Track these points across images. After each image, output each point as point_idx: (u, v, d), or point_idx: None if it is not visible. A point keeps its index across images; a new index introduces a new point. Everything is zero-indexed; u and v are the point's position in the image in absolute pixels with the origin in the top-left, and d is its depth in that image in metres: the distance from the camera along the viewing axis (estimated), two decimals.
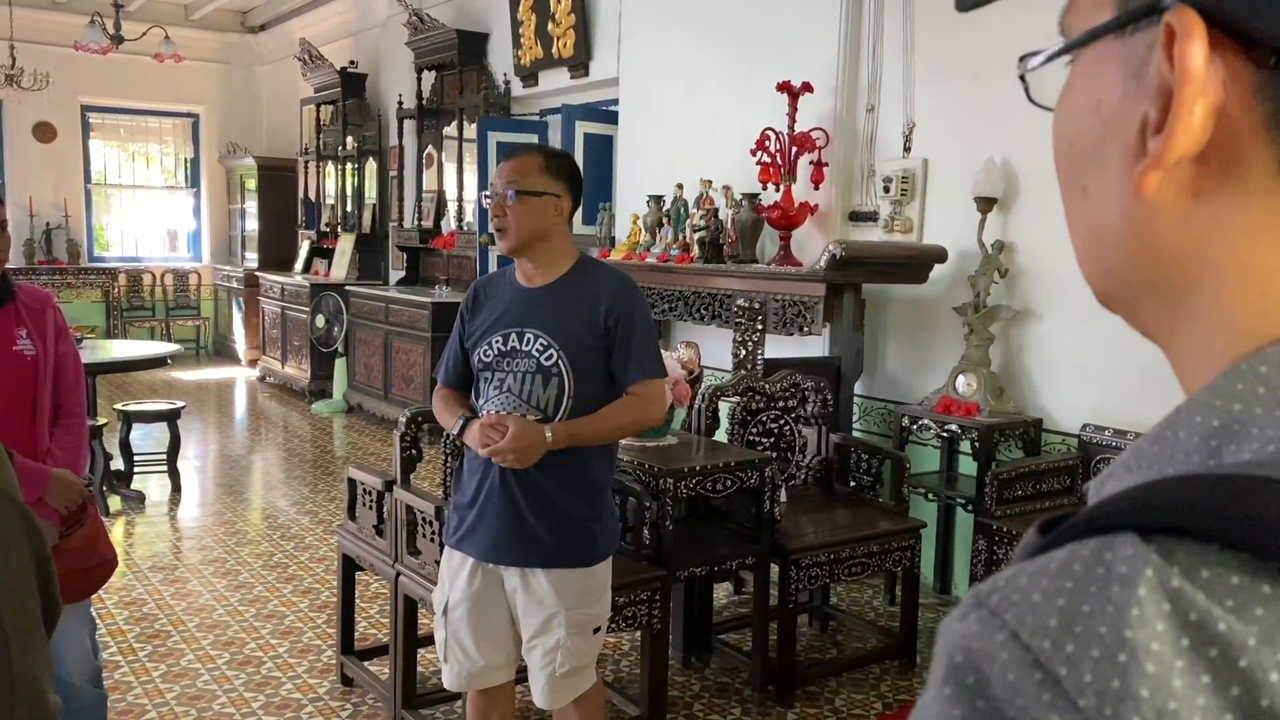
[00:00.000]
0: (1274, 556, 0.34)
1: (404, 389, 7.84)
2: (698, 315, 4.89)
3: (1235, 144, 0.40)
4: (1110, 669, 0.33)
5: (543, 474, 2.28)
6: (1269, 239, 0.41)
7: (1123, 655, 0.33)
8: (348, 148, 9.63)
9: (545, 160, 2.32)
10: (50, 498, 2.25)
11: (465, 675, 2.41)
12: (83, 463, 2.46)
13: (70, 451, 2.43)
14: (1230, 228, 0.41)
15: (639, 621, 2.94)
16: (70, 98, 10.68)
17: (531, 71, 7.35)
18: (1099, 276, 0.51)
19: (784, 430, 3.95)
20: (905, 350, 4.71)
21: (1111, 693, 0.33)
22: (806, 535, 3.52)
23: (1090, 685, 0.33)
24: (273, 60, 11.57)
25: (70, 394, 2.47)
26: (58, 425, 2.44)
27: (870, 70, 4.71)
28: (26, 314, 2.42)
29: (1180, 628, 0.33)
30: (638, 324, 2.32)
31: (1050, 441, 4.12)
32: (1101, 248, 0.49)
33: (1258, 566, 0.34)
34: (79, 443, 2.47)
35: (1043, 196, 4.13)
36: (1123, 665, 0.33)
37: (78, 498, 2.30)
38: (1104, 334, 3.94)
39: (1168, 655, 0.33)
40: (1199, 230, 0.42)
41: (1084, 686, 0.34)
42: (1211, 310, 0.43)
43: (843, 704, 3.45)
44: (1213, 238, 0.42)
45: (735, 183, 5.00)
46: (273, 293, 9.93)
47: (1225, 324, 0.42)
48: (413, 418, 3.26)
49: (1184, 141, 0.40)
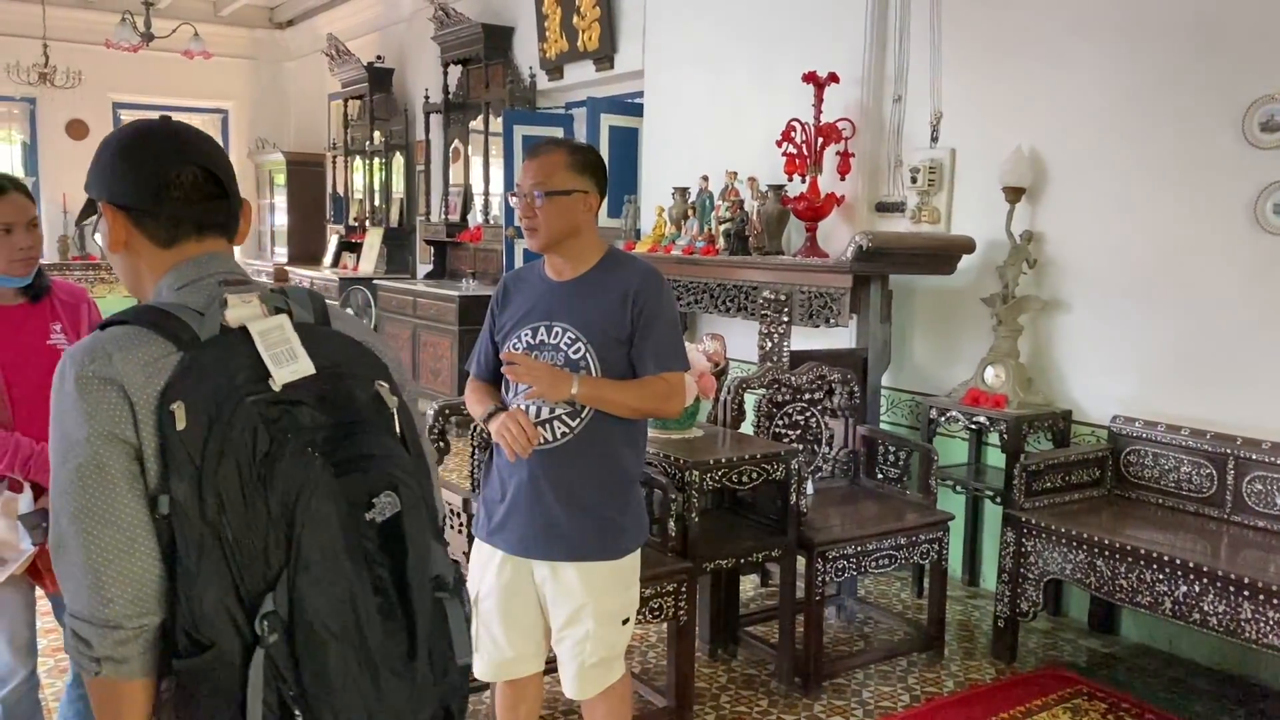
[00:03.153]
0: (143, 323, 1.24)
1: (432, 381, 7.89)
2: (723, 307, 4.89)
3: (131, 238, 1.34)
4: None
5: (573, 467, 2.30)
6: (146, 265, 1.35)
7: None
8: (375, 142, 9.68)
9: (570, 157, 2.32)
10: None
11: (495, 665, 2.43)
12: None
13: None
14: (141, 262, 1.35)
15: (665, 613, 2.95)
16: (102, 95, 10.80)
17: (556, 64, 7.35)
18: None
19: (810, 422, 3.94)
20: (933, 342, 4.68)
21: None
22: (833, 528, 3.52)
23: None
24: (300, 56, 11.65)
25: None
26: None
27: (897, 60, 4.68)
28: (61, 309, 2.46)
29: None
30: (660, 316, 2.31)
31: (1080, 433, 4.09)
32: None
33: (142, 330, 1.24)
34: None
35: (1072, 186, 4.09)
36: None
37: None
38: (1134, 324, 3.91)
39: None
40: (135, 263, 1.36)
41: None
42: (140, 277, 1.37)
43: (870, 696, 3.44)
44: (141, 265, 1.36)
45: (761, 174, 4.98)
46: (302, 287, 10.01)
47: (149, 280, 1.37)
48: (440, 410, 3.28)
49: (114, 243, 1.34)
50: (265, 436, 1.18)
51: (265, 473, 1.17)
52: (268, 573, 1.17)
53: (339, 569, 1.20)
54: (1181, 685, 3.57)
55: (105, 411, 1.18)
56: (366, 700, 1.21)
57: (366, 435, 1.28)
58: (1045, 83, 4.16)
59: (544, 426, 2.28)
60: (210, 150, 1.37)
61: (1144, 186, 3.88)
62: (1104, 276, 4.01)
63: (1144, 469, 3.81)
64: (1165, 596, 3.20)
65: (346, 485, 1.23)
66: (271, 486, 1.17)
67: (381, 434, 1.31)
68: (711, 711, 3.31)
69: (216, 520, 1.15)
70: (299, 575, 1.17)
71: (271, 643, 1.15)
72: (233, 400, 1.19)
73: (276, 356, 1.24)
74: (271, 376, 1.22)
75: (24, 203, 2.35)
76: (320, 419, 1.24)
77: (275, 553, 1.17)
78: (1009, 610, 3.69)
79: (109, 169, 1.33)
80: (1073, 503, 3.76)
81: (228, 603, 1.16)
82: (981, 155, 4.36)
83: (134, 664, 1.18)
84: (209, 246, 1.35)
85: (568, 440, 2.29)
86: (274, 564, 1.17)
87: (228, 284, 1.31)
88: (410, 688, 1.26)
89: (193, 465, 1.17)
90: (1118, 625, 4.01)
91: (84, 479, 1.16)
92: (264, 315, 1.27)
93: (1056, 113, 4.13)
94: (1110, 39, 3.96)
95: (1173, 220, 3.80)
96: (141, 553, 1.17)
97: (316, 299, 1.40)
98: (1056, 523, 3.54)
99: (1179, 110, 3.76)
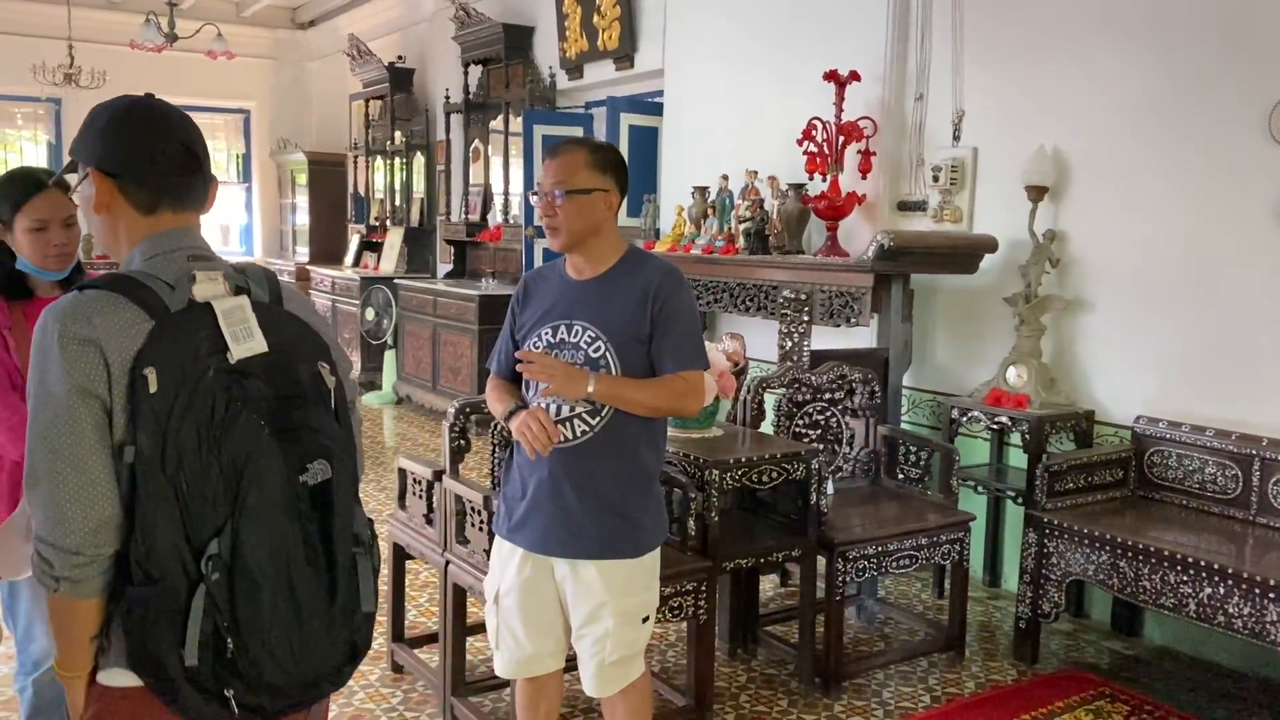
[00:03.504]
0: (119, 290, 1.38)
1: (452, 380, 7.91)
2: (743, 307, 4.88)
3: (114, 203, 1.48)
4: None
5: (593, 465, 2.30)
6: (125, 229, 1.50)
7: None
8: (396, 142, 9.72)
9: (591, 156, 2.32)
10: None
11: (516, 662, 2.44)
12: None
13: None
14: (121, 225, 1.50)
15: (685, 612, 2.95)
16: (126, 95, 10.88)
17: (577, 64, 7.36)
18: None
19: (831, 422, 3.93)
20: (954, 341, 4.66)
21: None
22: (854, 528, 3.51)
23: None
24: (322, 56, 11.71)
25: None
26: None
27: (919, 58, 4.66)
28: None
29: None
30: (679, 314, 2.31)
31: (1103, 433, 4.06)
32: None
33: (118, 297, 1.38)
34: None
35: (1095, 185, 4.06)
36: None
37: None
38: (1158, 324, 3.88)
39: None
40: (114, 225, 1.51)
41: None
42: (118, 239, 1.52)
43: (890, 696, 3.43)
44: (120, 228, 1.50)
45: (781, 173, 4.97)
46: (323, 286, 10.07)
47: (125, 243, 1.51)
48: (461, 408, 3.30)
49: (98, 206, 1.49)
50: (222, 404, 1.37)
51: (219, 435, 1.36)
52: (215, 521, 1.35)
53: (275, 522, 1.39)
54: (1206, 688, 3.54)
55: (83, 369, 1.34)
56: (289, 633, 1.40)
57: (306, 409, 1.47)
58: (1068, 81, 4.14)
59: (564, 425, 2.29)
60: (191, 128, 1.53)
61: (1168, 185, 3.84)
62: (1127, 276, 3.98)
63: (1168, 470, 3.78)
64: (1189, 598, 3.18)
65: (286, 451, 1.41)
66: (224, 448, 1.36)
67: (319, 409, 1.49)
68: (731, 711, 3.30)
69: (175, 474, 1.34)
70: (241, 526, 1.36)
71: (214, 580, 1.34)
72: (197, 370, 1.37)
73: (235, 334, 1.42)
74: (229, 350, 1.40)
75: (60, 200, 2.35)
76: (267, 391, 1.42)
77: (222, 505, 1.36)
78: (1030, 611, 3.67)
79: (100, 138, 1.48)
80: (1095, 503, 3.73)
81: (178, 544, 1.34)
82: (1004, 154, 4.33)
83: (88, 585, 1.36)
84: (183, 220, 1.51)
85: (588, 438, 2.30)
86: (220, 514, 1.36)
87: (195, 259, 1.48)
88: (327, 626, 1.46)
89: (158, 425, 1.33)
90: (1141, 627, 3.98)
91: (58, 427, 1.33)
92: (227, 293, 1.45)
93: (1080, 111, 4.10)
94: (1134, 37, 3.93)
95: (1196, 219, 3.76)
96: (103, 494, 1.34)
97: (272, 279, 1.57)
98: (1079, 523, 3.52)
99: (1203, 109, 3.73)
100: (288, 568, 1.40)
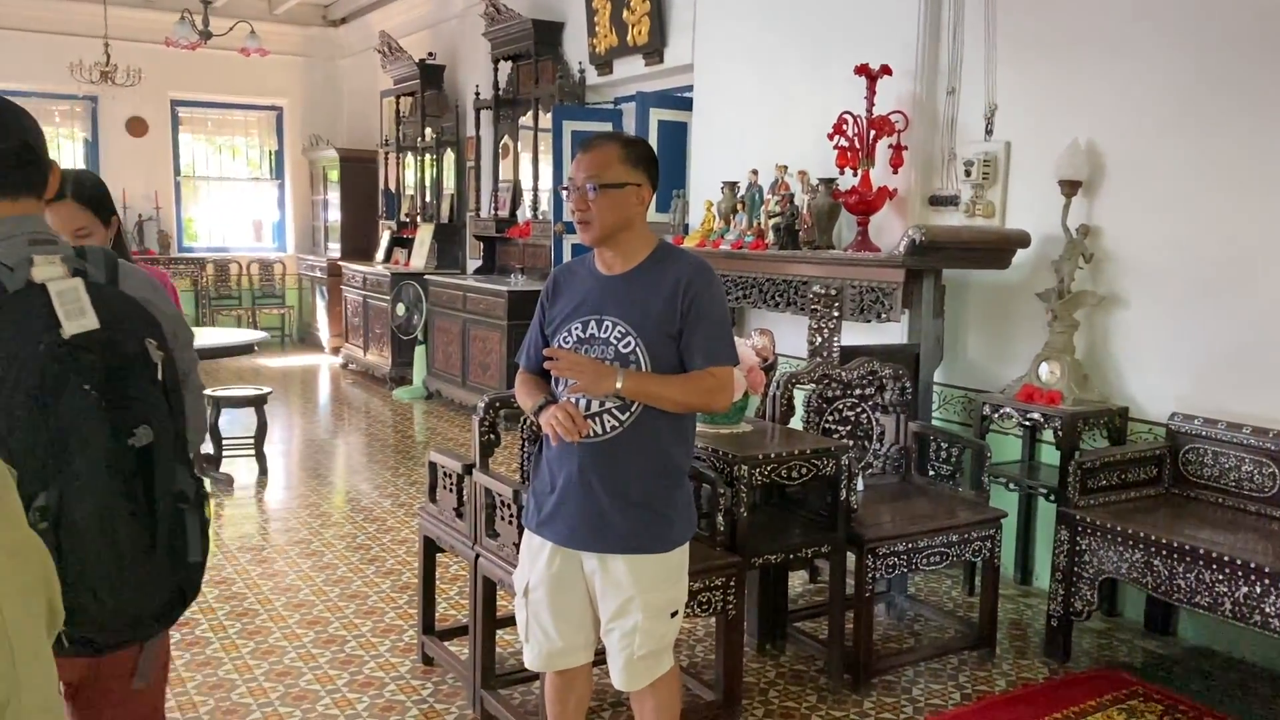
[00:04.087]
0: None
1: (481, 375, 7.95)
2: (772, 302, 4.87)
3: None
4: None
5: (622, 460, 2.30)
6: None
7: None
8: (426, 139, 9.77)
9: (624, 150, 2.32)
10: None
11: (545, 655, 2.45)
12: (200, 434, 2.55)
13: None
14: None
15: (714, 607, 2.95)
16: (161, 92, 11.02)
17: (606, 59, 7.37)
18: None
19: (861, 418, 3.92)
20: (986, 337, 4.62)
21: None
22: (884, 524, 3.49)
23: None
24: (353, 53, 11.79)
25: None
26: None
27: (950, 52, 4.62)
28: None
29: None
30: (710, 310, 2.31)
31: (1136, 430, 4.02)
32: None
33: None
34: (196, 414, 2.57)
35: (1129, 179, 4.02)
36: None
37: None
38: (1193, 321, 3.84)
39: None
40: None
41: None
42: None
43: (920, 694, 3.42)
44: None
45: (811, 168, 4.95)
46: (355, 282, 10.15)
47: None
48: (490, 403, 3.31)
49: None
50: (52, 375, 1.53)
51: (51, 403, 1.52)
52: (44, 477, 1.51)
53: (99, 481, 1.55)
54: (1241, 688, 3.49)
55: None
56: (112, 580, 1.57)
57: (132, 380, 1.63)
58: (1103, 74, 4.09)
59: (593, 420, 2.29)
60: (29, 125, 1.67)
61: (1203, 180, 3.79)
62: (1162, 272, 3.93)
63: (1203, 467, 3.73)
64: (1225, 597, 3.14)
65: (114, 417, 1.58)
66: (54, 415, 1.52)
67: (144, 381, 1.65)
68: (760, 706, 3.30)
69: (6, 435, 1.50)
70: (67, 485, 1.52)
71: (41, 529, 1.47)
72: (31, 344, 1.53)
73: (69, 312, 1.56)
74: (62, 326, 1.54)
75: (72, 213, 2.26)
76: (98, 363, 1.57)
77: (51, 465, 1.52)
78: (1063, 609, 3.64)
79: None
80: (1129, 501, 3.69)
81: None
82: (1037, 148, 4.29)
83: None
84: (22, 208, 1.66)
85: (617, 434, 2.30)
86: (50, 472, 1.52)
87: (35, 243, 1.63)
88: (149, 573, 1.63)
89: None
90: (1175, 626, 3.94)
91: None
92: (65, 275, 1.60)
93: (1114, 105, 4.05)
94: (1169, 29, 3.88)
95: (1232, 215, 3.71)
96: None
97: (110, 261, 1.73)
98: (1112, 521, 3.48)
99: (1239, 103, 3.67)
100: (112, 521, 1.57)
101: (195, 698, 3.30)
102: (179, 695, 3.30)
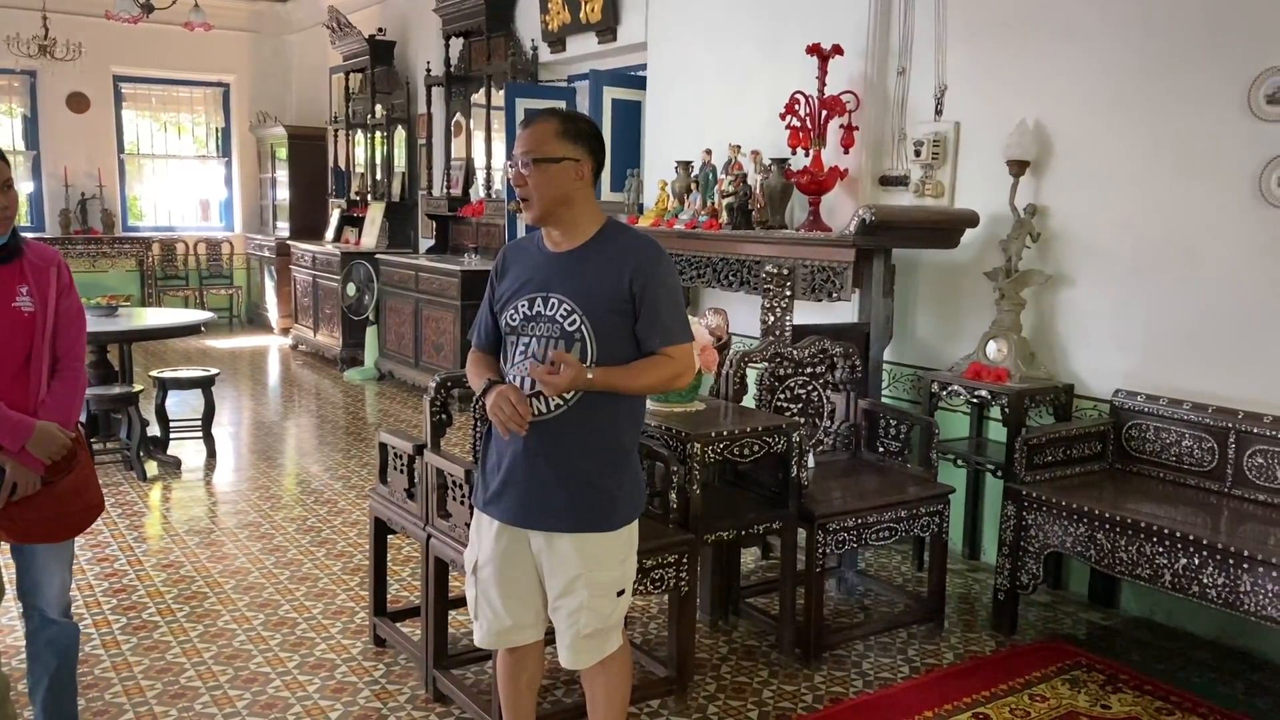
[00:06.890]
0: None
1: (434, 356, 7.90)
2: (726, 282, 4.88)
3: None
4: None
5: (568, 439, 2.29)
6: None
7: None
8: (377, 116, 9.64)
9: (561, 125, 2.30)
10: (32, 447, 2.40)
11: (495, 633, 2.45)
12: (74, 413, 2.54)
13: (62, 402, 2.51)
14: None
15: (667, 584, 2.97)
16: (102, 68, 10.76)
17: (559, 37, 7.31)
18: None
19: (812, 396, 3.95)
20: (935, 316, 4.67)
21: None
22: (834, 500, 3.53)
23: None
24: (301, 29, 11.58)
25: (70, 348, 2.55)
26: (55, 377, 2.52)
27: (901, 33, 4.65)
28: (30, 271, 2.48)
29: None
30: (661, 289, 2.30)
31: (1082, 407, 4.09)
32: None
33: None
34: (72, 394, 2.54)
35: (1076, 160, 4.07)
36: None
37: (60, 449, 2.45)
38: (1137, 299, 3.91)
39: None
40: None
41: None
42: None
43: (870, 667, 3.46)
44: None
45: (764, 148, 4.96)
46: (304, 261, 10.01)
47: None
48: (442, 383, 3.29)
49: None
50: None
51: None
52: None
53: None
54: (1180, 657, 3.58)
55: None
56: None
57: None
58: (1051, 56, 4.13)
59: (539, 398, 2.28)
60: None
61: (1148, 160, 3.86)
62: (1107, 250, 4.00)
63: (1145, 443, 3.81)
64: (1165, 569, 3.21)
65: None
66: None
67: None
68: (712, 681, 3.33)
69: None
70: None
71: None
72: None
73: None
74: None
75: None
76: None
77: None
78: (1009, 583, 3.70)
79: None
80: (1074, 476, 3.76)
81: None
82: (986, 129, 4.34)
83: None
84: None
85: (563, 412, 2.29)
86: None
87: None
88: None
89: None
90: (1117, 598, 4.02)
91: None
92: None
93: (1061, 86, 4.10)
94: (1118, 13, 3.92)
95: (1177, 194, 3.78)
96: None
97: None
98: (1057, 496, 3.55)
99: (1184, 83, 3.73)
100: None
101: (143, 682, 3.26)
102: (125, 680, 3.26)
